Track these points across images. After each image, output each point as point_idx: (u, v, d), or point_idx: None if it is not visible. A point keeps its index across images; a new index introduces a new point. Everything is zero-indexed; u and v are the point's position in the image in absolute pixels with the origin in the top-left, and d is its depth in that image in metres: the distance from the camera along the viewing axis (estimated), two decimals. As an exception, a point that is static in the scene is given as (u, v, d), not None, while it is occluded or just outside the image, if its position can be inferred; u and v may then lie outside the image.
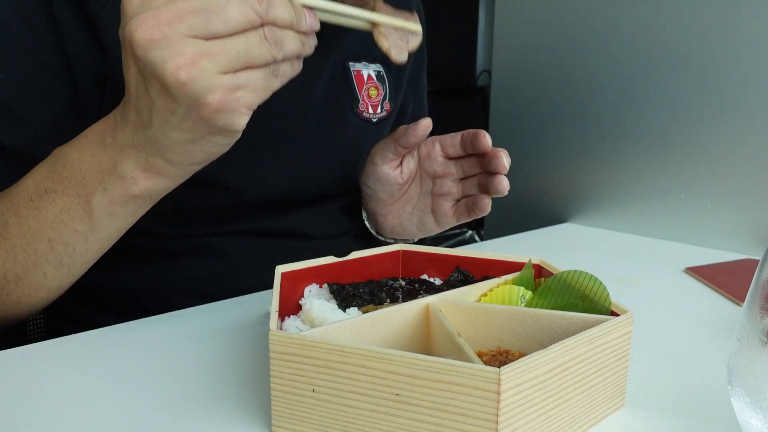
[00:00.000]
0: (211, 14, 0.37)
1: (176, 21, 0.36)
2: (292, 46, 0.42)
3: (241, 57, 0.39)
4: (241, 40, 0.38)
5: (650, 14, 0.98)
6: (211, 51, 0.37)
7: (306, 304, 0.46)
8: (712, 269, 0.79)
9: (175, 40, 0.37)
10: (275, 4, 0.40)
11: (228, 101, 0.39)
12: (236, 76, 0.39)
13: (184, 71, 0.37)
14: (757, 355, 0.32)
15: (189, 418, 0.41)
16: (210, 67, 0.37)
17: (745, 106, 0.88)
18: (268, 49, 0.40)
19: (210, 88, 0.38)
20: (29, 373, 0.47)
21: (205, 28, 0.37)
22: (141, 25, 0.37)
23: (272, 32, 0.40)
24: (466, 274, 0.53)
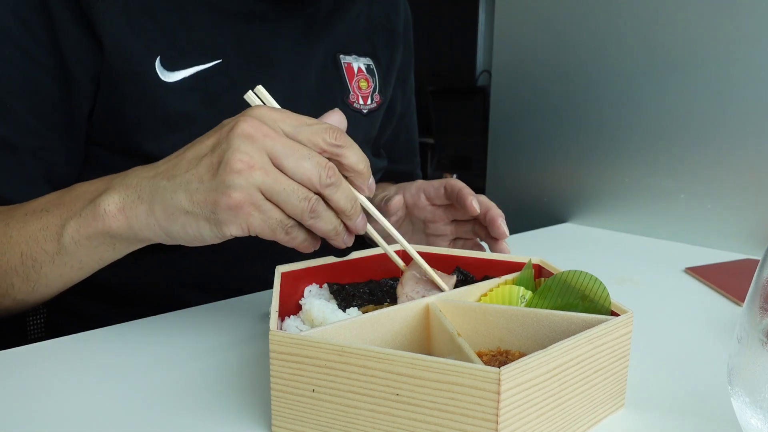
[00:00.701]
0: (292, 153, 0.43)
1: (269, 139, 0.42)
2: (325, 226, 0.45)
3: (280, 194, 0.43)
4: (291, 186, 0.43)
5: (650, 14, 0.98)
6: (268, 171, 0.42)
7: (306, 304, 0.46)
8: (712, 269, 0.79)
9: (257, 147, 0.42)
10: (338, 188, 0.44)
11: (242, 208, 0.43)
12: (265, 201, 0.43)
13: (242, 164, 0.42)
14: (757, 355, 0.32)
15: (189, 418, 0.41)
16: (258, 178, 0.42)
17: (745, 106, 0.88)
18: (302, 210, 0.43)
19: (242, 188, 0.42)
20: (29, 373, 0.47)
21: (280, 158, 0.43)
22: (252, 123, 0.43)
23: (318, 204, 0.44)
24: (466, 274, 0.53)
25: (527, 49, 1.18)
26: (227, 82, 0.65)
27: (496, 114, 1.26)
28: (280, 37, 0.69)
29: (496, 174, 1.28)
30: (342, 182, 0.44)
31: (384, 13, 0.83)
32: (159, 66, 0.61)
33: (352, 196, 0.45)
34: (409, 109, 0.95)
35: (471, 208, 0.60)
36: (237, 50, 0.66)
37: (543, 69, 1.15)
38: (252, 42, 0.67)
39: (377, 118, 0.82)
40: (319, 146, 0.44)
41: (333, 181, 0.43)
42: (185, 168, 0.45)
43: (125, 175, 0.49)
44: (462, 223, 0.65)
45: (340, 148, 0.44)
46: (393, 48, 0.84)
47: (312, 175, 0.43)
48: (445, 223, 0.66)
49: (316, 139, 0.44)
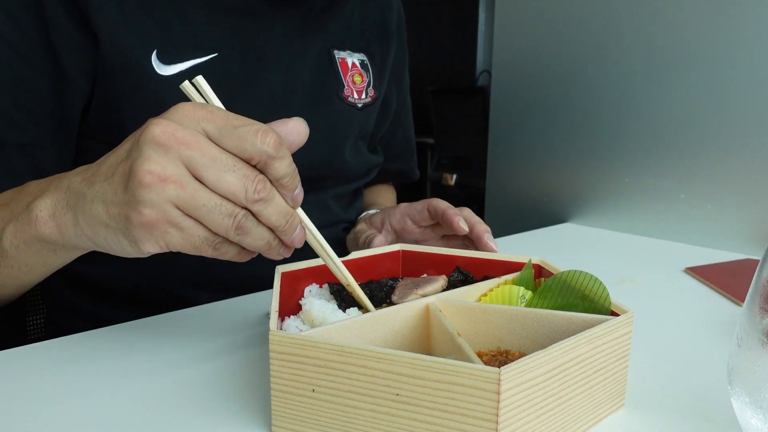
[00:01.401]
0: (212, 164, 0.38)
1: (185, 147, 0.37)
2: (255, 242, 0.41)
3: (200, 210, 0.38)
4: (212, 201, 0.38)
5: (650, 14, 0.98)
6: (184, 185, 0.38)
7: (306, 304, 0.46)
8: (712, 269, 0.79)
9: (171, 157, 0.37)
10: (269, 203, 0.40)
11: (156, 226, 0.39)
12: (184, 218, 0.39)
13: (150, 177, 0.37)
14: (757, 356, 0.32)
15: (189, 418, 0.41)
16: (171, 193, 0.38)
17: (745, 106, 0.88)
18: (227, 227, 0.39)
19: (154, 205, 0.38)
20: (29, 373, 0.47)
21: (198, 170, 0.38)
22: (165, 127, 0.38)
23: (246, 220, 0.39)
24: (466, 274, 0.53)
25: (527, 49, 1.18)
26: (223, 77, 0.65)
27: (496, 114, 1.26)
28: (275, 32, 0.70)
29: (496, 174, 1.28)
30: (274, 197, 0.40)
31: (377, 12, 0.84)
32: (155, 60, 0.61)
33: (287, 210, 0.41)
34: (404, 108, 0.95)
35: (459, 229, 0.59)
36: (232, 44, 0.66)
37: (543, 69, 1.15)
38: (247, 36, 0.68)
39: (372, 113, 0.82)
40: (246, 153, 0.39)
41: (262, 196, 0.39)
42: (104, 176, 0.41)
43: (65, 175, 0.46)
44: (451, 237, 0.65)
45: (271, 158, 0.39)
46: (386, 45, 0.85)
47: (236, 189, 0.38)
48: (435, 240, 0.66)
49: (243, 144, 0.38)
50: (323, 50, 0.75)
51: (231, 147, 0.38)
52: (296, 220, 0.42)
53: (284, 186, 0.40)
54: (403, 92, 0.94)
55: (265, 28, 0.69)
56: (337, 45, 0.77)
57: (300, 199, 0.42)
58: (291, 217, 0.41)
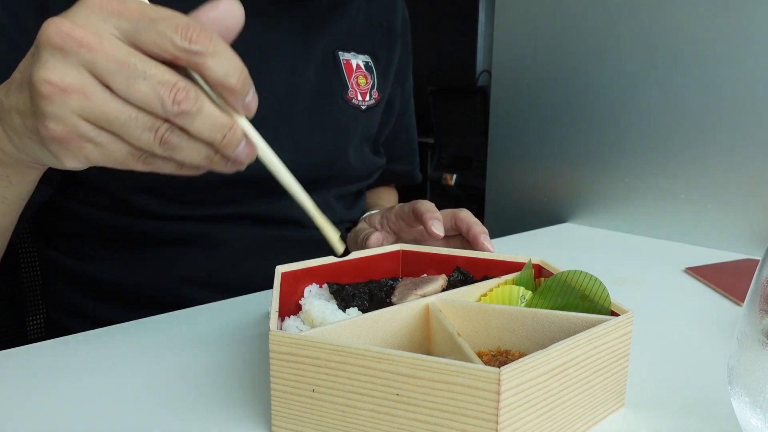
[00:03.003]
0: (119, 69, 0.32)
1: (86, 49, 0.31)
2: (189, 157, 0.35)
3: (113, 125, 0.33)
4: (126, 113, 0.33)
5: (650, 14, 0.98)
6: (89, 95, 0.32)
7: (306, 305, 0.46)
8: (712, 269, 0.79)
9: (71, 62, 0.32)
10: (195, 117, 0.33)
11: (68, 141, 0.34)
12: (98, 132, 0.33)
13: (48, 88, 0.32)
14: (756, 356, 0.32)
15: (189, 418, 0.41)
16: (75, 105, 0.32)
17: (745, 106, 0.88)
18: (148, 142, 0.34)
19: (57, 118, 0.33)
20: (29, 373, 0.47)
21: (105, 77, 0.32)
22: (60, 26, 0.32)
23: (170, 133, 0.34)
24: (466, 274, 0.53)
25: (527, 49, 1.18)
26: None
27: (496, 114, 1.26)
28: (280, 32, 0.70)
29: (496, 174, 1.28)
30: (202, 108, 0.33)
31: (382, 13, 0.84)
32: None
33: (221, 122, 0.34)
34: (407, 109, 0.95)
35: (432, 233, 0.57)
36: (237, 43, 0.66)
37: (543, 69, 1.15)
38: (252, 36, 0.68)
39: (376, 115, 0.82)
40: (168, 52, 0.32)
41: (183, 108, 0.32)
42: (16, 83, 0.36)
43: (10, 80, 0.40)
44: (451, 237, 0.65)
45: (198, 55, 0.32)
46: (391, 46, 0.85)
47: (150, 100, 0.32)
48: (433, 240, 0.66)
49: (162, 42, 0.32)
50: (328, 51, 0.75)
51: (147, 44, 0.32)
52: (238, 134, 0.35)
53: (230, 88, 0.34)
54: (406, 94, 0.94)
55: (270, 29, 0.69)
56: (342, 46, 0.77)
57: (253, 106, 0.36)
58: (229, 130, 0.34)
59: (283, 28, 0.70)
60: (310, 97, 0.72)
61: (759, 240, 0.88)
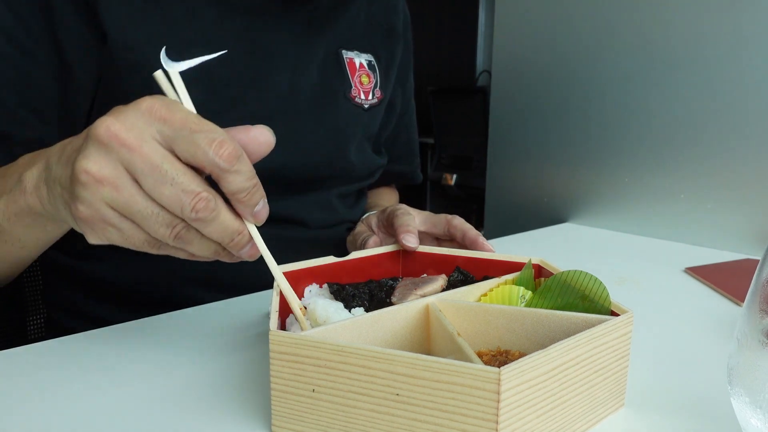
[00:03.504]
0: (151, 172, 0.36)
1: (126, 149, 0.36)
2: (199, 251, 0.39)
3: (136, 216, 0.37)
4: (148, 209, 0.37)
5: (650, 15, 0.98)
6: (119, 188, 0.37)
7: (310, 303, 0.46)
8: (712, 269, 0.79)
9: (111, 158, 0.36)
10: (210, 223, 0.37)
11: (93, 223, 0.38)
12: (121, 219, 0.38)
13: (86, 177, 0.37)
14: (756, 356, 0.32)
15: (189, 418, 0.41)
16: (105, 194, 0.37)
17: (745, 106, 0.88)
18: (164, 236, 0.38)
19: (88, 203, 0.37)
20: (29, 373, 0.47)
21: (137, 175, 0.37)
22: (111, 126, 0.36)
23: (185, 231, 0.38)
24: (466, 274, 0.53)
25: (527, 49, 1.18)
26: (231, 74, 0.65)
27: (496, 114, 1.26)
28: (283, 31, 0.70)
29: (496, 174, 1.28)
30: (218, 216, 0.38)
31: (383, 13, 0.84)
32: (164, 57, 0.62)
33: (233, 228, 0.38)
34: (408, 109, 0.95)
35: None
36: (241, 42, 0.67)
37: (543, 69, 1.15)
38: (256, 34, 0.68)
39: (378, 114, 0.82)
40: (198, 161, 0.36)
41: (200, 216, 0.37)
42: (65, 159, 0.40)
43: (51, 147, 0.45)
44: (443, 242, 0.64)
45: (224, 171, 0.36)
46: (393, 46, 0.85)
47: (172, 203, 0.36)
48: (430, 242, 0.65)
49: (196, 151, 0.36)
50: (331, 50, 0.75)
51: (183, 152, 0.36)
52: (244, 238, 0.39)
53: (241, 201, 0.38)
54: (407, 94, 0.94)
55: (273, 27, 0.69)
56: (345, 45, 0.77)
57: (262, 215, 0.40)
58: (238, 235, 0.39)
59: (285, 28, 0.70)
60: (313, 96, 0.73)
61: (759, 240, 0.88)
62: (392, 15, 0.86)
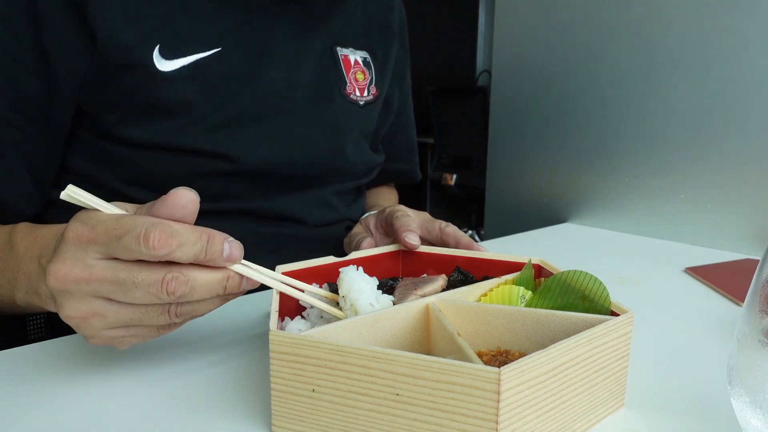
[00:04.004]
0: (114, 289, 0.38)
1: (83, 284, 0.38)
2: (206, 310, 0.41)
3: (135, 322, 0.40)
4: (137, 313, 0.39)
5: (650, 15, 0.98)
6: (104, 314, 0.39)
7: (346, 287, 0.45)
8: (712, 269, 0.79)
9: (77, 297, 0.39)
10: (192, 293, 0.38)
11: (110, 343, 0.42)
12: (126, 329, 0.41)
13: (73, 321, 0.40)
14: (756, 356, 0.32)
15: (190, 418, 0.41)
16: (97, 324, 0.40)
17: (745, 106, 0.88)
18: (167, 320, 0.40)
19: (94, 335, 0.41)
20: (29, 373, 0.47)
21: (109, 296, 0.38)
22: (56, 274, 0.38)
23: (181, 308, 0.39)
24: (466, 274, 0.53)
25: (527, 49, 1.18)
26: (226, 71, 0.65)
27: (496, 114, 1.26)
28: (279, 27, 0.70)
29: (496, 174, 1.28)
30: (195, 282, 0.38)
31: (379, 11, 0.84)
32: (157, 55, 0.62)
33: (216, 281, 0.39)
34: (406, 108, 0.95)
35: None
36: (236, 39, 0.67)
37: (543, 69, 1.15)
38: (251, 31, 0.68)
39: (374, 111, 0.82)
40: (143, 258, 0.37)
41: (179, 294, 0.37)
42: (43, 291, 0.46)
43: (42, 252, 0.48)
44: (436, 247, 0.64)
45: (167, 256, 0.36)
46: (388, 43, 0.85)
47: (149, 300, 0.38)
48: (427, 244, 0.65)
49: (132, 254, 0.36)
50: (326, 47, 0.76)
51: (126, 257, 0.37)
52: (234, 280, 0.40)
53: (204, 262, 0.38)
54: (404, 92, 0.94)
55: (268, 24, 0.69)
56: (340, 42, 0.77)
57: (235, 255, 0.39)
58: (227, 281, 0.39)
59: (281, 25, 0.70)
60: (308, 93, 0.73)
61: (759, 240, 0.88)
62: (388, 12, 0.86)
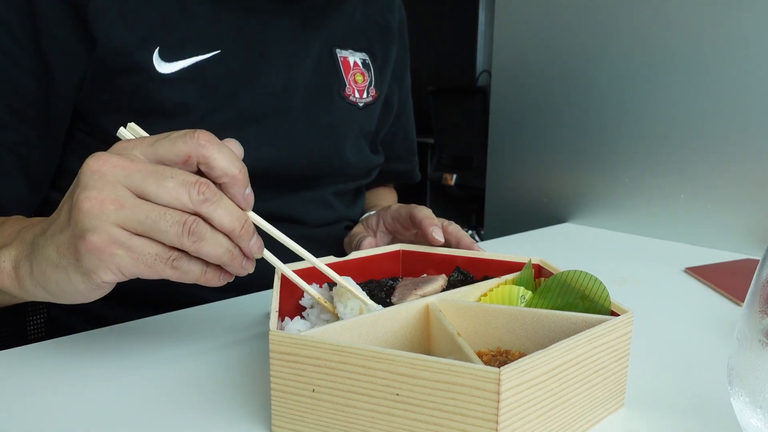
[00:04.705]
0: (150, 175, 0.37)
1: (119, 168, 0.37)
2: (213, 249, 0.39)
3: (145, 224, 0.37)
4: (156, 212, 0.37)
5: (650, 15, 0.98)
6: (122, 202, 0.37)
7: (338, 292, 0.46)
8: (712, 269, 0.79)
9: (107, 180, 0.37)
10: (218, 204, 0.38)
11: (103, 250, 0.38)
12: (131, 237, 0.38)
13: (88, 203, 0.37)
14: (756, 356, 0.32)
15: (190, 418, 0.41)
16: (111, 214, 0.37)
17: (745, 106, 0.88)
18: (178, 234, 0.38)
19: (97, 229, 0.37)
20: (29, 373, 0.47)
21: (139, 185, 0.38)
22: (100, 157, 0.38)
23: (198, 224, 0.38)
24: (466, 274, 0.53)
25: (527, 49, 1.18)
26: (225, 73, 0.65)
27: (496, 114, 1.26)
28: (278, 29, 0.70)
29: (496, 174, 1.28)
30: (222, 197, 0.39)
31: (379, 12, 0.84)
32: (157, 57, 0.62)
33: (239, 214, 0.40)
34: (405, 108, 0.95)
35: (433, 240, 0.57)
36: (235, 41, 0.67)
37: (543, 69, 1.15)
38: (250, 33, 0.68)
39: (374, 113, 0.82)
40: (183, 153, 0.38)
41: (207, 196, 0.38)
42: (53, 219, 0.42)
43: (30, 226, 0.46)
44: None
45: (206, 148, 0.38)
46: (388, 44, 0.85)
47: (179, 194, 0.37)
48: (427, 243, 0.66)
49: (176, 145, 0.38)
50: (325, 48, 0.76)
51: (166, 154, 0.38)
52: (251, 226, 0.41)
53: (232, 178, 0.39)
54: (404, 93, 0.94)
55: (267, 25, 0.69)
56: (339, 44, 0.77)
57: (251, 199, 0.41)
58: (245, 221, 0.40)
59: (280, 25, 0.70)
60: (307, 94, 0.73)
61: (759, 240, 0.88)
62: (387, 13, 0.86)
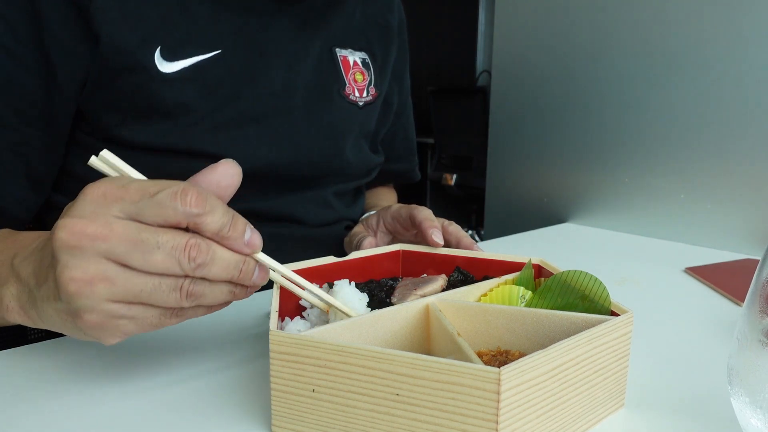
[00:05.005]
0: (134, 249, 0.35)
1: (100, 241, 0.35)
2: (215, 300, 0.38)
3: (143, 296, 0.36)
4: (149, 284, 0.36)
5: (650, 15, 0.98)
6: (112, 280, 0.35)
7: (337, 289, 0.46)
8: (712, 269, 0.79)
9: (88, 256, 0.35)
10: (212, 266, 0.36)
11: (104, 324, 0.37)
12: (129, 307, 0.37)
13: (75, 285, 0.35)
14: (756, 356, 0.32)
15: (190, 418, 0.41)
16: (103, 292, 0.35)
17: (745, 107, 0.88)
18: (177, 301, 0.37)
19: (92, 309, 0.36)
20: (29, 373, 0.47)
21: (123, 259, 0.35)
22: (71, 227, 0.35)
23: (195, 285, 0.37)
24: (466, 274, 0.53)
25: (527, 49, 1.18)
26: (225, 73, 0.65)
27: (496, 114, 1.26)
28: (278, 29, 0.70)
29: (496, 174, 1.28)
30: (215, 254, 0.36)
31: (378, 11, 0.84)
32: (158, 57, 0.62)
33: (235, 260, 0.37)
34: (405, 108, 0.95)
35: (432, 242, 0.56)
36: (236, 41, 0.67)
37: (543, 69, 1.15)
38: (250, 33, 0.68)
39: (373, 112, 0.82)
40: (171, 219, 0.35)
41: (199, 262, 0.36)
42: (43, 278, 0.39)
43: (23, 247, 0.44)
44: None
45: (198, 216, 0.35)
46: (388, 44, 0.85)
47: (169, 266, 0.35)
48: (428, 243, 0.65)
49: (165, 211, 0.35)
50: (325, 48, 0.76)
51: (153, 218, 0.35)
52: (250, 265, 0.39)
53: (226, 237, 0.37)
54: (404, 92, 0.94)
55: (267, 25, 0.69)
56: (339, 43, 0.78)
57: (255, 241, 0.39)
58: (243, 264, 0.38)
59: (280, 25, 0.70)
60: (307, 93, 0.73)
61: (759, 240, 0.88)
62: (387, 14, 0.86)
